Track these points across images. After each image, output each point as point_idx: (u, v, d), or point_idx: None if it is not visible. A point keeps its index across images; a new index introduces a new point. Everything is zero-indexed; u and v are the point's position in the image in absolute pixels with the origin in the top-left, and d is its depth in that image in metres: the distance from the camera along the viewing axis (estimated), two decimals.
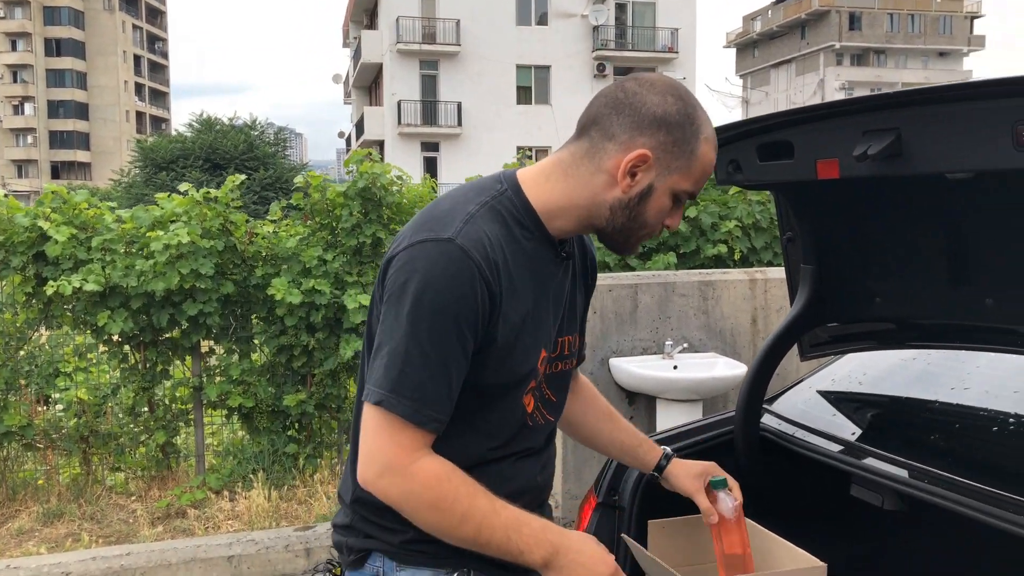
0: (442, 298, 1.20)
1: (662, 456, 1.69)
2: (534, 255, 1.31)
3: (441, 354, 1.21)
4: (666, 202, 1.30)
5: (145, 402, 4.71)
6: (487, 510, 1.23)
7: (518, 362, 1.30)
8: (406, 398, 1.21)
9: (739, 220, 5.11)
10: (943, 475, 1.58)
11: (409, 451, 1.22)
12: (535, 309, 1.31)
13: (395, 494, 1.23)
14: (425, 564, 1.31)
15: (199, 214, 4.56)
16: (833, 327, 2.06)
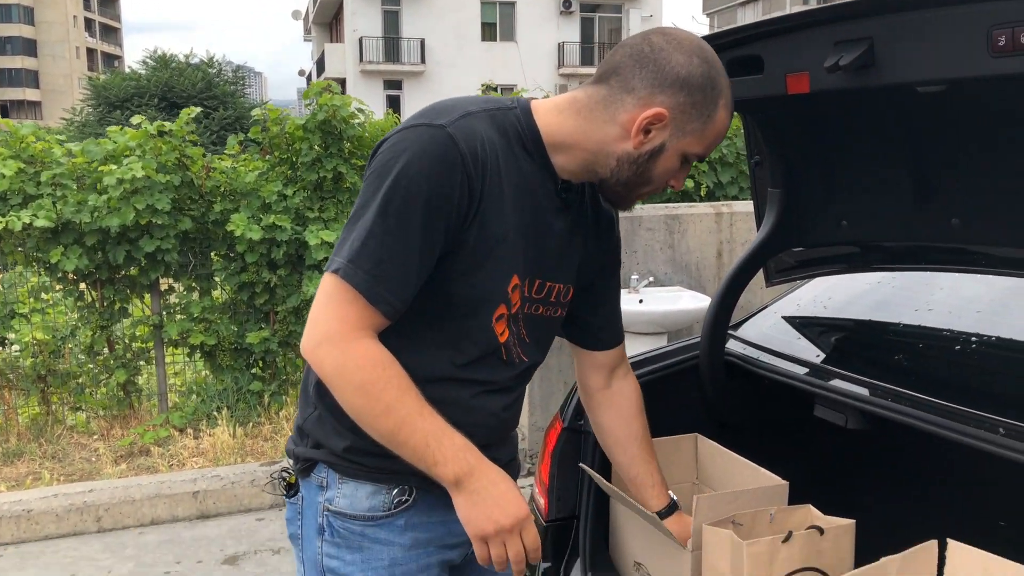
0: (420, 181, 1.17)
1: (666, 506, 1.61)
2: (530, 179, 1.28)
3: (407, 238, 1.18)
4: (675, 163, 1.28)
5: (104, 341, 4.62)
6: (413, 410, 1.19)
7: (486, 278, 1.26)
8: (363, 271, 1.18)
9: None
10: (906, 393, 1.59)
11: (353, 327, 1.19)
12: (517, 231, 1.27)
13: (328, 366, 1.20)
14: (367, 478, 1.30)
15: (153, 148, 4.42)
16: (799, 252, 2.05)
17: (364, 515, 1.30)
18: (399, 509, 1.31)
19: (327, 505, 1.31)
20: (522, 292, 1.32)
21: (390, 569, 1.31)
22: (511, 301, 1.31)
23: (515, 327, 1.34)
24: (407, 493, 1.31)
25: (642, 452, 1.60)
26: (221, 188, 4.58)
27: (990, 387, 1.63)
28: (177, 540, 3.53)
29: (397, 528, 1.31)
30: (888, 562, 1.37)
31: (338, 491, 1.31)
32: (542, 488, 1.94)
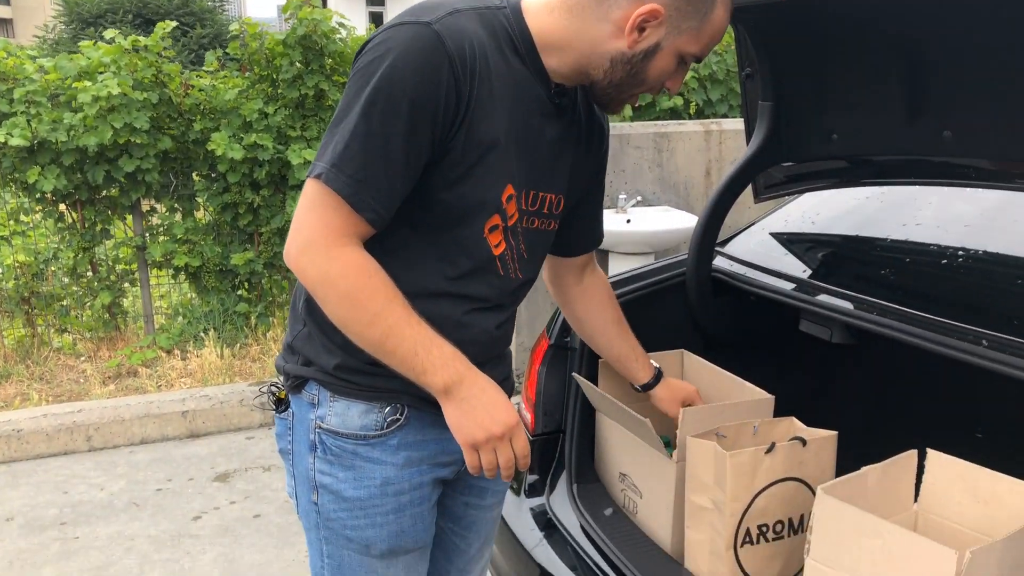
0: (405, 82, 1.12)
1: (652, 375, 1.69)
2: (521, 83, 1.24)
3: (392, 142, 1.14)
4: (670, 63, 1.24)
5: (87, 263, 4.58)
6: (401, 317, 1.17)
7: (476, 185, 1.22)
8: (346, 175, 1.14)
9: (695, 71, 4.99)
10: (891, 306, 1.60)
11: (338, 233, 1.16)
12: (508, 137, 1.23)
13: (312, 274, 1.17)
14: (358, 397, 1.28)
15: (129, 64, 4.29)
16: (788, 166, 2.03)
17: (356, 434, 1.29)
18: (391, 428, 1.29)
19: (318, 423, 1.30)
20: (519, 203, 1.28)
21: (382, 487, 1.30)
22: (506, 212, 1.27)
23: (514, 241, 1.31)
24: (399, 412, 1.29)
25: (620, 332, 1.66)
26: (200, 106, 4.47)
27: (974, 300, 1.64)
28: (168, 459, 3.57)
29: (390, 448, 1.29)
30: (869, 471, 1.40)
31: (329, 409, 1.29)
32: (528, 404, 1.95)
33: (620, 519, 1.74)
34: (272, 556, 2.82)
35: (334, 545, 1.34)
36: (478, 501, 1.50)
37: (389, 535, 1.32)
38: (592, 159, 1.46)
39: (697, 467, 1.55)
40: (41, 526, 3.04)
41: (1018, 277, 1.64)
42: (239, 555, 2.84)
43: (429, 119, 1.14)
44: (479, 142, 1.19)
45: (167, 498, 3.23)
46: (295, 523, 3.00)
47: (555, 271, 1.61)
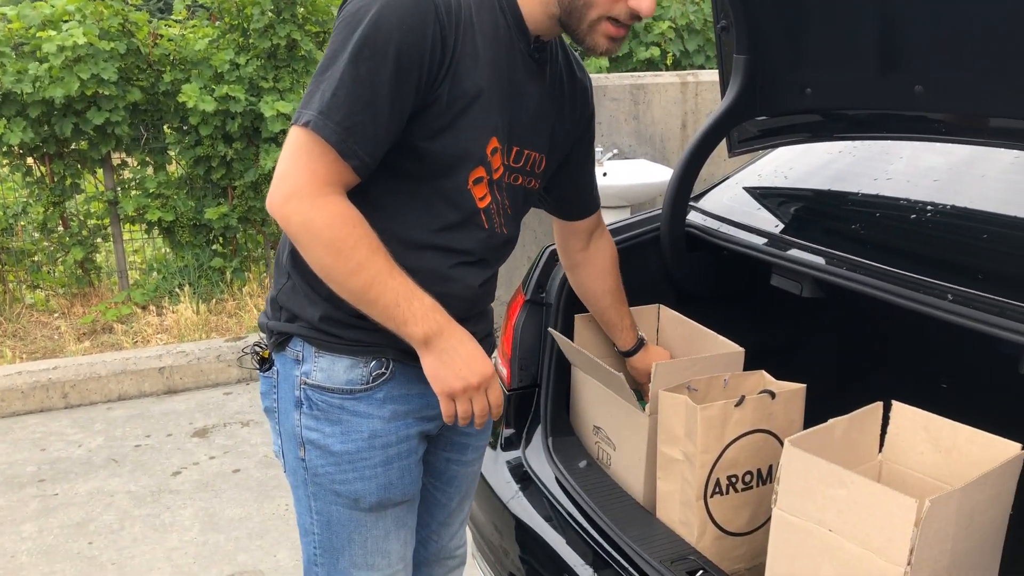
0: (391, 30, 1.13)
1: (634, 344, 1.78)
2: (503, 36, 1.26)
3: (379, 90, 1.14)
4: None
5: (57, 218, 4.52)
6: (383, 268, 1.18)
7: (462, 136, 1.23)
8: (334, 122, 1.14)
9: (672, 21, 4.95)
10: (859, 261, 1.62)
11: (323, 182, 1.16)
12: (491, 89, 1.24)
13: (296, 222, 1.16)
14: (343, 352, 1.29)
15: (94, 12, 4.19)
16: (763, 120, 2.03)
17: (342, 388, 1.30)
18: (377, 382, 1.30)
19: (304, 379, 1.30)
20: (503, 157, 1.29)
21: (370, 441, 1.31)
22: (491, 165, 1.28)
23: (499, 195, 1.32)
24: (384, 366, 1.30)
25: (615, 302, 1.73)
26: (170, 57, 4.39)
27: (941, 255, 1.67)
28: (146, 415, 3.57)
29: (376, 401, 1.31)
30: (835, 423, 1.43)
31: (315, 364, 1.30)
32: (504, 358, 1.97)
33: (594, 471, 1.78)
34: (252, 510, 2.85)
35: (323, 501, 1.35)
36: (459, 456, 1.53)
37: (378, 488, 1.33)
38: (574, 123, 1.46)
39: (669, 420, 1.58)
40: (20, 483, 3.05)
41: (983, 232, 1.66)
42: (219, 509, 2.87)
43: (416, 67, 1.15)
44: (464, 92, 1.20)
45: (146, 454, 3.25)
46: (274, 477, 3.03)
47: (561, 235, 1.67)
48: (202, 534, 2.73)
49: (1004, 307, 1.37)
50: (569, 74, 1.42)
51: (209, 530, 2.75)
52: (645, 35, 4.96)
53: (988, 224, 1.68)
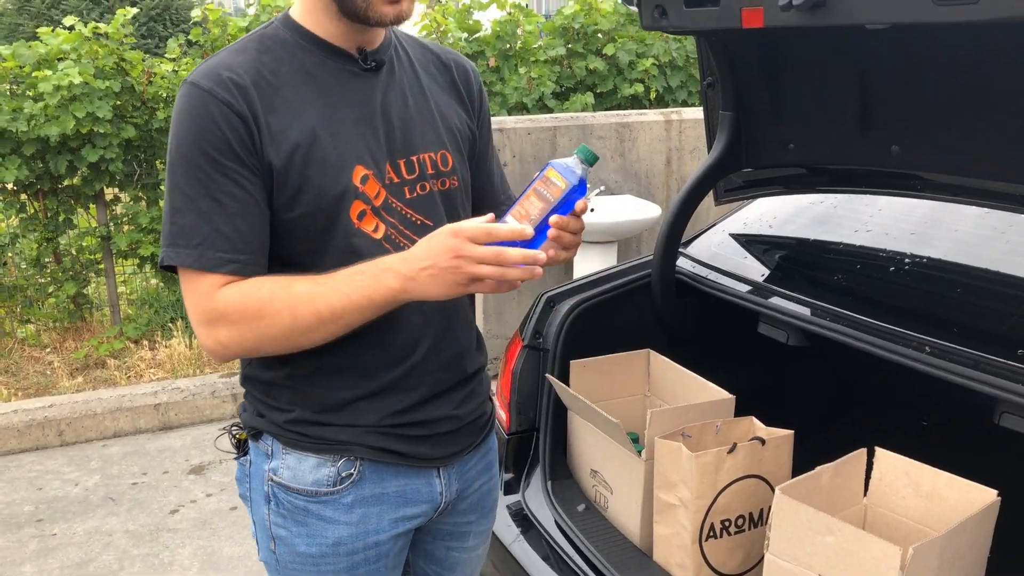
0: (186, 136, 1.15)
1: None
2: (317, 71, 1.23)
3: (206, 191, 1.14)
4: None
5: (50, 253, 4.55)
6: (309, 287, 1.15)
7: (319, 182, 1.19)
8: (183, 247, 1.15)
9: (656, 58, 5.07)
10: (842, 312, 1.71)
11: (211, 295, 1.16)
12: (328, 127, 1.21)
13: (224, 338, 1.16)
14: (311, 450, 1.26)
15: (89, 51, 4.24)
16: (748, 172, 2.12)
17: (308, 489, 1.26)
18: (345, 484, 1.26)
19: (271, 475, 1.28)
20: (380, 180, 1.24)
21: (335, 547, 1.28)
22: (368, 194, 1.23)
23: (392, 217, 1.25)
24: (353, 466, 1.26)
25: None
26: (164, 94, 4.45)
27: (919, 308, 1.76)
28: (142, 452, 3.60)
29: (343, 506, 1.27)
30: (822, 470, 1.51)
31: (282, 462, 1.27)
32: (503, 402, 2.04)
33: (592, 514, 1.84)
34: (251, 548, 2.89)
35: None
36: (460, 544, 1.46)
37: None
38: (462, 107, 1.40)
39: (664, 466, 1.65)
40: (18, 524, 3.06)
41: (958, 285, 1.76)
42: (218, 548, 2.90)
43: (229, 153, 1.15)
44: (294, 146, 1.18)
45: (143, 492, 3.28)
46: None
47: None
48: (202, 572, 2.76)
49: (979, 360, 1.45)
50: (438, 67, 1.38)
51: (208, 569, 2.78)
52: (629, 71, 5.08)
53: (962, 277, 1.77)
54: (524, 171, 4.09)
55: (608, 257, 4.03)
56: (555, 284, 2.14)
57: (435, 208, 1.30)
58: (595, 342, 2.02)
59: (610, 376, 1.99)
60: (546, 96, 4.89)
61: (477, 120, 1.43)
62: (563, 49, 4.99)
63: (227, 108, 1.15)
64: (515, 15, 5.00)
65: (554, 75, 4.96)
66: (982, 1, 1.14)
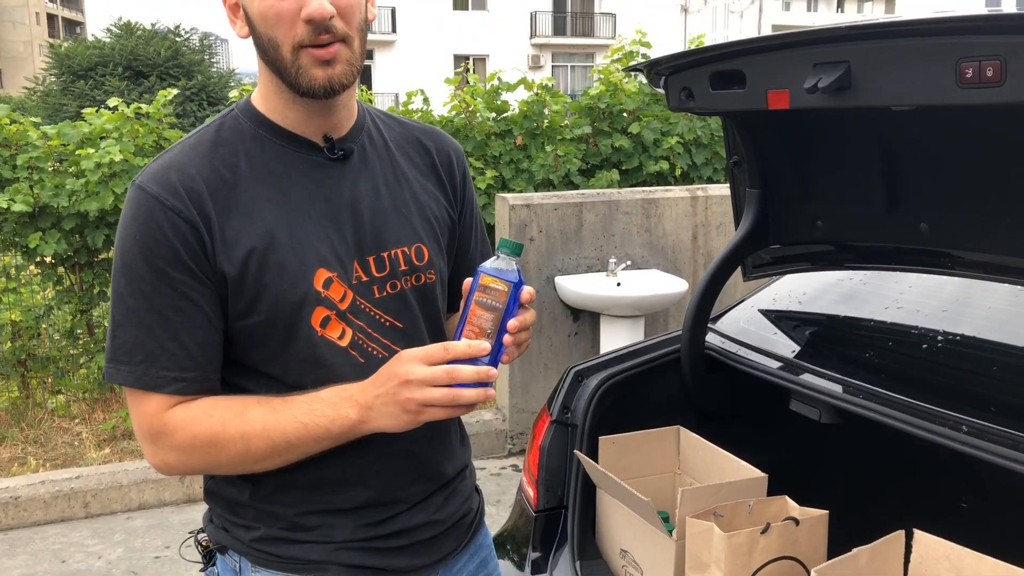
0: (132, 245, 1.08)
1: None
2: (275, 165, 1.14)
3: (151, 305, 1.07)
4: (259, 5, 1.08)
5: (83, 324, 4.63)
6: (264, 414, 1.08)
7: (275, 290, 1.10)
8: (125, 365, 1.08)
9: (680, 136, 5.16)
10: (877, 390, 1.69)
11: (158, 416, 1.09)
12: (287, 228, 1.12)
13: (173, 461, 1.11)
14: (280, 568, 1.17)
15: (131, 131, 4.41)
16: (776, 248, 2.13)
17: None
18: None
19: None
20: (346, 281, 1.15)
21: None
22: (332, 299, 1.14)
23: (360, 320, 1.16)
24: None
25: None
26: None
27: (954, 385, 1.74)
28: (165, 524, 3.59)
29: None
30: (859, 552, 1.47)
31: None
32: (531, 479, 2.02)
33: None
34: None
35: None
36: None
37: None
38: (441, 192, 1.30)
39: (696, 546, 1.62)
40: None
41: (993, 363, 1.74)
42: None
43: (177, 264, 1.08)
44: (248, 250, 1.10)
45: (165, 566, 3.25)
46: None
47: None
48: None
49: (1018, 440, 1.43)
50: (416, 148, 1.29)
51: None
52: (654, 149, 5.16)
53: (998, 355, 1.76)
54: (551, 246, 4.13)
55: (635, 331, 4.03)
56: (582, 358, 2.14)
57: (407, 308, 1.21)
58: (624, 418, 2.02)
59: (640, 453, 1.97)
60: (572, 173, 4.97)
61: (459, 207, 1.33)
62: (589, 128, 5.09)
63: (175, 215, 1.07)
64: (542, 95, 5.13)
65: (580, 153, 5.05)
66: (1007, 83, 1.17)
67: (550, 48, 30.50)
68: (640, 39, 5.40)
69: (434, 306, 1.26)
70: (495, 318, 1.07)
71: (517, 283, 1.08)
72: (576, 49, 31.13)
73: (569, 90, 28.94)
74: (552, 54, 30.80)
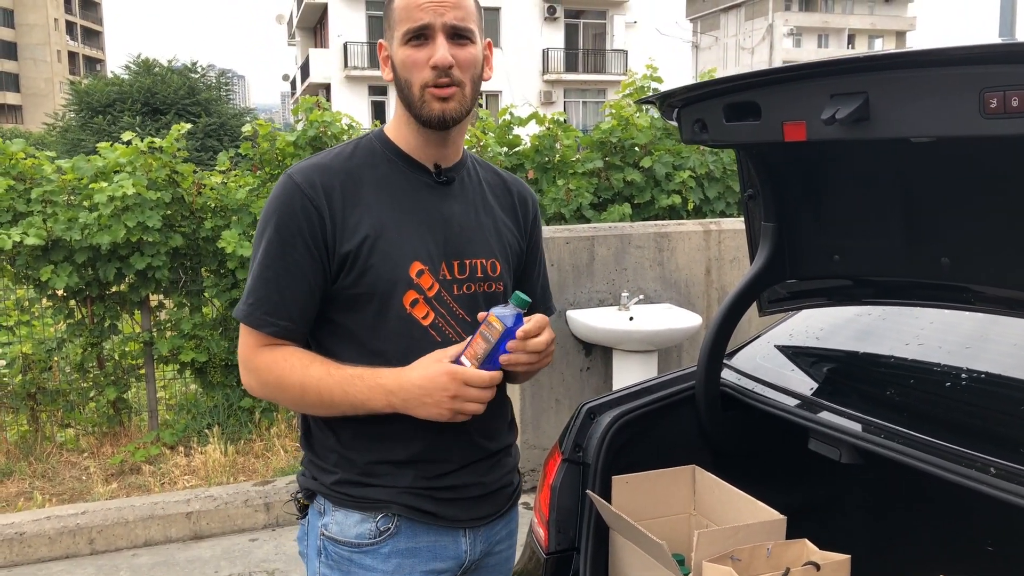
0: (271, 219, 1.40)
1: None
2: (396, 179, 1.46)
3: (272, 264, 1.39)
4: (402, 54, 1.41)
5: (94, 358, 4.61)
6: (321, 374, 1.38)
7: (380, 269, 1.40)
8: (244, 304, 1.41)
9: (693, 170, 5.14)
10: (899, 429, 1.63)
11: (254, 348, 1.42)
12: (395, 226, 1.42)
13: (252, 387, 1.44)
14: (354, 507, 1.44)
15: (144, 164, 4.42)
16: (792, 283, 2.09)
17: (352, 541, 1.45)
18: (383, 537, 1.44)
19: (323, 530, 1.47)
20: (435, 275, 1.44)
21: None
22: (422, 285, 1.43)
23: (442, 308, 1.45)
24: (390, 521, 1.44)
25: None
26: (212, 205, 4.58)
27: (980, 425, 1.68)
28: (171, 562, 3.52)
29: (381, 555, 1.44)
30: None
31: (332, 518, 1.46)
32: (541, 519, 1.96)
33: None
34: None
35: None
36: None
37: None
38: (518, 227, 1.61)
39: None
40: None
41: (1021, 402, 1.68)
42: None
43: (299, 238, 1.39)
44: (364, 237, 1.40)
45: None
46: None
47: None
48: None
49: None
50: (501, 189, 1.60)
51: None
52: (667, 183, 5.14)
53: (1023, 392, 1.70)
54: (562, 279, 4.10)
55: (648, 367, 3.97)
56: (594, 394, 2.09)
57: (476, 307, 1.47)
58: (638, 456, 1.96)
59: (654, 493, 1.91)
60: (584, 207, 4.96)
61: (528, 241, 1.63)
62: (601, 162, 5.08)
63: (308, 202, 1.39)
64: (554, 130, 5.13)
65: (592, 187, 5.03)
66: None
67: (562, 84, 30.75)
68: (651, 73, 5.41)
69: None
70: (487, 349, 1.36)
71: (511, 328, 1.36)
72: (588, 85, 31.37)
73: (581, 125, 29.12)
74: (564, 90, 31.04)
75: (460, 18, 1.40)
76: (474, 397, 1.35)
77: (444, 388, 1.34)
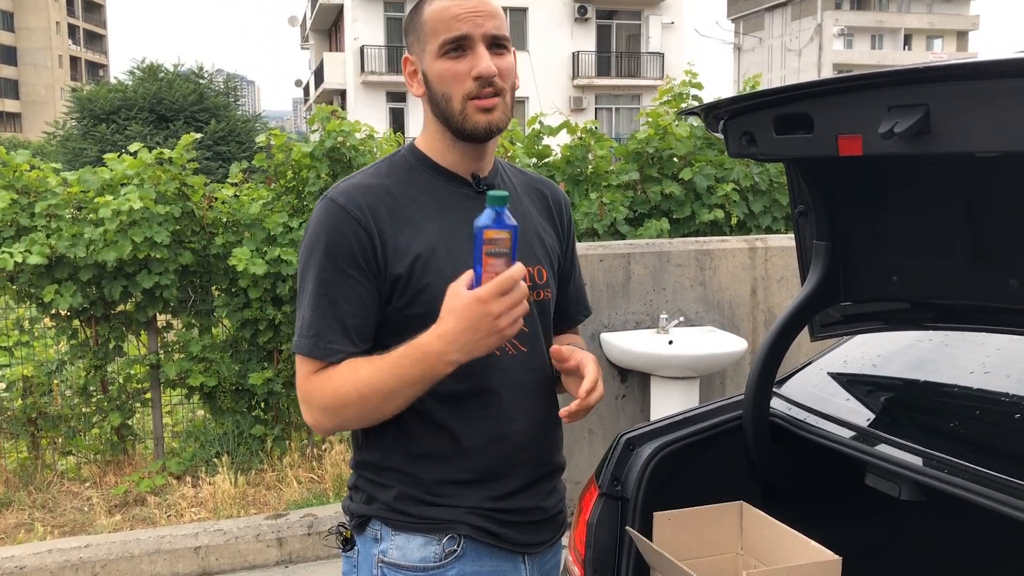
0: (318, 245, 1.46)
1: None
2: (438, 193, 1.53)
3: (327, 292, 1.44)
4: (439, 67, 1.48)
5: (97, 381, 4.69)
6: (369, 372, 1.41)
7: (435, 288, 1.43)
8: (304, 337, 1.45)
9: (736, 183, 5.15)
10: (964, 464, 1.64)
11: (307, 378, 1.46)
12: (445, 241, 1.49)
13: (319, 420, 1.46)
14: (417, 530, 1.49)
15: (152, 177, 4.52)
16: (846, 306, 2.10)
17: (416, 566, 1.49)
18: (449, 559, 1.49)
19: (381, 557, 1.51)
20: None
21: None
22: None
23: None
24: (456, 543, 1.49)
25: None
26: (223, 219, 4.66)
27: None
28: None
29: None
30: None
31: (391, 543, 1.50)
32: (577, 558, 1.98)
33: None
34: None
35: None
36: None
37: None
38: (555, 231, 1.69)
39: None
40: None
41: None
42: None
43: (352, 261, 1.44)
44: (416, 255, 1.46)
45: None
46: None
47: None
48: None
49: None
50: (535, 193, 1.68)
51: None
52: (708, 197, 5.15)
53: None
54: (596, 300, 4.12)
55: (690, 395, 3.97)
56: (631, 423, 2.11)
57: (529, 316, 1.51)
58: (681, 491, 1.97)
59: (698, 531, 1.92)
60: (619, 222, 4.98)
61: (565, 243, 1.71)
62: (636, 174, 5.11)
63: (356, 223, 1.45)
64: (586, 139, 5.17)
65: (627, 200, 5.06)
66: None
67: (593, 90, 30.87)
68: (691, 80, 5.44)
69: (548, 317, 1.64)
70: (506, 261, 1.36)
71: (515, 227, 1.36)
72: (621, 91, 31.47)
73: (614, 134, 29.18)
74: (595, 96, 31.15)
75: (498, 27, 1.47)
76: (514, 301, 1.36)
77: (485, 315, 1.35)
